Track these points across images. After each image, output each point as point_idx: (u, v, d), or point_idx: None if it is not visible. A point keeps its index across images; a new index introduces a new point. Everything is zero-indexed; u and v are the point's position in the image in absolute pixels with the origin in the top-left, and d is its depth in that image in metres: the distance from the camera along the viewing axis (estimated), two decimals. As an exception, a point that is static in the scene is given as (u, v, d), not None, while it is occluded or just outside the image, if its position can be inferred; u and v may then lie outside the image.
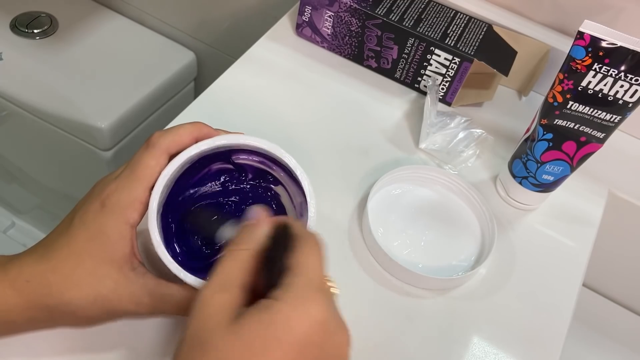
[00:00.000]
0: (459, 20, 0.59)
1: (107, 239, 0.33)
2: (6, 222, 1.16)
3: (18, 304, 0.32)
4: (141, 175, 0.34)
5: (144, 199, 0.34)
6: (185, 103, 0.56)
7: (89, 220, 0.33)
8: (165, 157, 0.35)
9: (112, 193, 0.34)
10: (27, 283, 0.32)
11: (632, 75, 0.41)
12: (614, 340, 0.72)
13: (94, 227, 0.33)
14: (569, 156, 0.48)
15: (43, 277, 0.33)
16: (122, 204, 0.33)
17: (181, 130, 0.35)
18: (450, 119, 0.56)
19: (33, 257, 0.33)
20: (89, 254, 0.33)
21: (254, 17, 0.85)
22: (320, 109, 0.58)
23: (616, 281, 0.72)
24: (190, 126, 0.36)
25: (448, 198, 0.52)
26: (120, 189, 0.34)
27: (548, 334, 0.45)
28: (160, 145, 0.34)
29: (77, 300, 0.33)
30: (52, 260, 0.33)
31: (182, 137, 0.35)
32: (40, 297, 0.33)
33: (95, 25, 0.94)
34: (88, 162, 0.90)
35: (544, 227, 0.52)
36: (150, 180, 0.34)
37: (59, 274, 0.33)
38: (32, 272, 0.33)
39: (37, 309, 0.33)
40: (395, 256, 0.46)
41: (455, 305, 0.45)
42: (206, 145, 0.35)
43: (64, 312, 0.33)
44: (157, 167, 0.34)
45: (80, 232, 0.33)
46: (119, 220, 0.33)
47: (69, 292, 0.33)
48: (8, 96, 0.86)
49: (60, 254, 0.33)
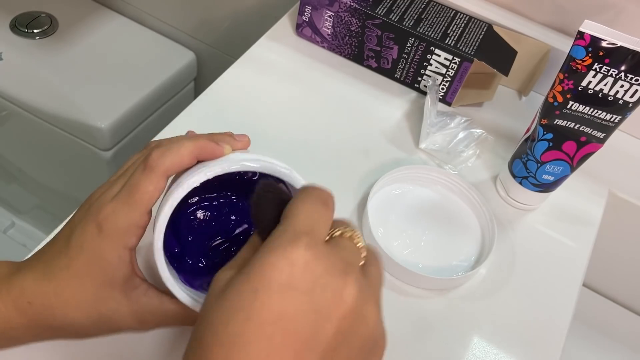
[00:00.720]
0: (459, 20, 0.59)
1: (106, 263, 0.33)
2: (6, 222, 1.16)
3: (21, 323, 0.33)
4: (139, 200, 0.33)
5: (142, 224, 0.33)
6: (185, 103, 0.56)
7: (87, 243, 0.33)
8: (164, 181, 0.34)
9: (109, 216, 0.33)
10: (29, 305, 0.33)
11: (632, 75, 0.41)
12: (614, 340, 0.72)
13: (93, 251, 0.33)
14: (569, 156, 0.48)
15: (45, 299, 0.33)
16: (120, 229, 0.33)
17: (182, 150, 0.33)
18: (450, 119, 0.56)
19: (34, 276, 0.33)
20: (90, 277, 0.33)
21: (254, 17, 0.85)
22: (320, 109, 0.58)
23: (616, 281, 0.72)
24: (192, 145, 0.34)
25: (448, 198, 0.52)
26: (117, 212, 0.33)
27: (548, 334, 0.45)
28: (159, 168, 0.33)
29: (80, 321, 0.33)
30: (53, 282, 0.33)
31: (182, 159, 0.33)
32: (43, 319, 0.33)
33: (95, 25, 0.94)
34: (88, 162, 0.90)
35: (544, 227, 0.52)
36: (148, 205, 0.33)
37: (60, 297, 0.33)
38: (34, 293, 0.33)
39: (41, 328, 0.33)
40: (395, 256, 0.46)
41: (455, 305, 0.45)
42: (211, 174, 0.33)
43: (67, 331, 0.34)
44: (155, 192, 0.33)
45: (79, 256, 0.33)
46: (117, 245, 0.33)
47: (72, 314, 0.33)
48: (8, 96, 0.86)
49: (61, 276, 0.33)
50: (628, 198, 0.57)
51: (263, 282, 0.25)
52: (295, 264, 0.25)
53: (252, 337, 0.24)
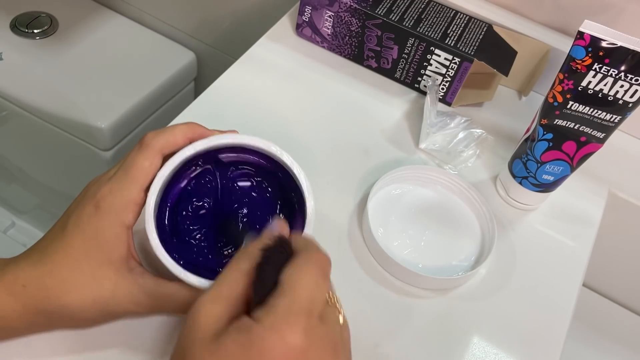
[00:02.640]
0: (459, 20, 0.59)
1: (103, 241, 0.33)
2: (6, 222, 1.16)
3: (15, 309, 0.32)
4: (135, 177, 0.33)
5: (138, 200, 0.34)
6: (185, 103, 0.57)
7: (84, 222, 0.33)
8: (159, 158, 0.34)
9: (106, 195, 0.33)
10: (23, 288, 0.32)
11: (632, 75, 0.41)
12: (614, 340, 0.72)
13: (90, 229, 0.33)
14: (569, 156, 0.48)
15: (40, 281, 0.32)
16: (117, 206, 0.33)
17: (175, 131, 0.35)
18: (450, 119, 0.56)
19: (29, 262, 0.33)
20: (86, 256, 0.33)
21: (254, 17, 0.85)
22: (320, 109, 0.58)
23: (616, 281, 0.72)
24: (185, 127, 0.35)
25: (448, 198, 0.52)
26: (114, 190, 0.33)
27: (548, 334, 0.45)
28: (154, 145, 0.34)
29: (75, 303, 0.33)
30: (48, 264, 0.33)
31: (176, 138, 0.35)
32: (38, 302, 0.32)
33: (95, 25, 0.94)
34: (88, 162, 0.90)
35: (544, 227, 0.52)
36: (145, 182, 0.34)
37: (56, 277, 0.32)
38: (28, 277, 0.32)
39: (35, 313, 0.33)
40: (395, 256, 0.46)
41: (455, 305, 0.45)
42: (202, 145, 0.35)
43: (62, 316, 0.33)
44: (151, 168, 0.34)
45: (76, 235, 0.33)
46: (114, 222, 0.33)
47: (66, 296, 0.32)
48: (8, 96, 0.86)
49: (56, 258, 0.33)
50: (628, 198, 0.57)
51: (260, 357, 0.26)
52: (292, 349, 0.26)
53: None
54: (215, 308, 0.28)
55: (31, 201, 1.13)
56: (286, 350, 0.26)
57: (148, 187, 0.34)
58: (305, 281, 0.28)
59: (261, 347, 0.26)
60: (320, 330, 0.28)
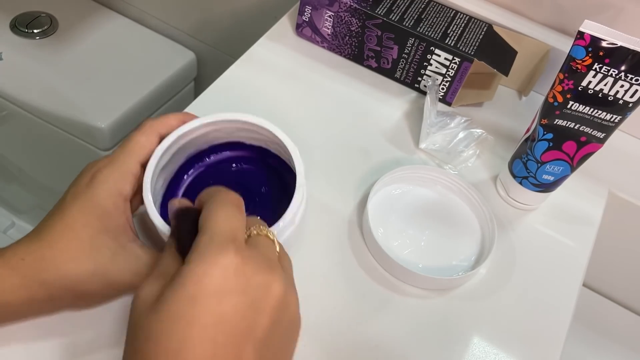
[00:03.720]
0: (459, 20, 0.59)
1: (101, 209, 0.33)
2: (6, 222, 1.16)
3: (14, 283, 0.32)
4: (132, 150, 0.35)
5: (135, 172, 0.35)
6: (185, 103, 0.57)
7: (81, 193, 0.33)
8: (155, 136, 0.37)
9: (103, 167, 0.35)
10: (22, 261, 0.32)
11: (632, 75, 0.41)
12: (614, 340, 0.72)
13: (87, 199, 0.33)
14: (569, 156, 0.48)
15: (38, 253, 0.32)
16: (115, 175, 0.34)
17: (170, 116, 0.38)
18: (450, 119, 0.56)
19: (27, 238, 0.33)
20: (84, 225, 0.33)
21: (254, 17, 0.85)
22: (320, 109, 0.58)
23: (616, 281, 0.73)
24: (179, 114, 0.38)
25: (448, 198, 0.52)
26: (111, 162, 0.35)
27: (548, 334, 0.45)
28: (150, 125, 0.37)
29: (75, 272, 0.32)
30: (47, 236, 0.33)
31: (170, 120, 0.38)
32: (37, 273, 0.32)
33: (95, 25, 0.94)
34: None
35: (544, 227, 0.52)
36: (141, 155, 0.36)
37: (55, 248, 0.32)
38: (26, 250, 0.32)
39: (35, 286, 0.32)
40: (395, 256, 0.46)
41: (455, 305, 0.45)
42: (196, 123, 0.37)
43: (62, 288, 0.33)
44: (147, 143, 0.36)
45: (73, 205, 0.33)
46: (111, 191, 0.34)
47: (66, 265, 0.32)
48: (8, 96, 0.86)
49: (54, 229, 0.33)
50: (628, 198, 0.57)
51: (200, 289, 0.26)
52: (227, 269, 0.27)
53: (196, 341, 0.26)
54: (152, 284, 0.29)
55: (31, 201, 1.13)
56: (220, 271, 0.27)
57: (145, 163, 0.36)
58: (218, 215, 0.29)
59: (195, 280, 0.26)
60: (251, 252, 0.29)
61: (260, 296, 0.28)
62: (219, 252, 0.27)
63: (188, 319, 0.26)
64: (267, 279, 0.28)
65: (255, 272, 0.28)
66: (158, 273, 0.29)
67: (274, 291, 0.28)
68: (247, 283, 0.27)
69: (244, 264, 0.28)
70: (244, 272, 0.27)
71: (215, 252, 0.27)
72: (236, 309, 0.27)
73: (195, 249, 0.28)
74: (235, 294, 0.27)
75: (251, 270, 0.28)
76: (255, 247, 0.30)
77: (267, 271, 0.28)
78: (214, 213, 0.30)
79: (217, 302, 0.26)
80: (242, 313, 0.27)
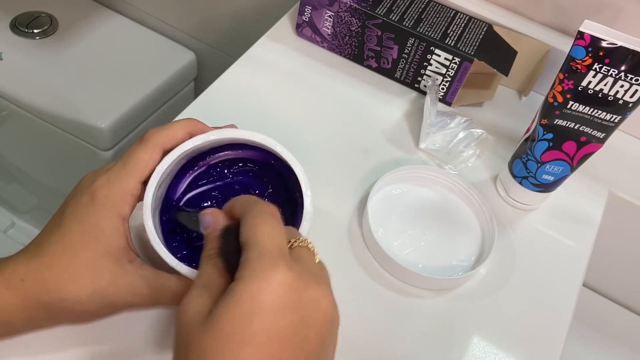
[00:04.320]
0: (459, 20, 0.59)
1: (101, 232, 0.33)
2: (6, 222, 1.16)
3: (15, 303, 0.32)
4: (133, 169, 0.34)
5: (135, 192, 0.34)
6: (185, 103, 0.56)
7: (80, 213, 0.33)
8: (159, 152, 0.35)
9: (102, 185, 0.33)
10: (22, 282, 0.32)
11: (632, 75, 0.41)
12: (614, 340, 0.72)
13: (87, 220, 0.33)
14: (569, 156, 0.48)
15: (38, 274, 0.32)
16: (114, 197, 0.33)
17: (175, 126, 0.35)
18: (450, 119, 0.56)
19: (26, 256, 0.33)
20: (84, 247, 0.33)
21: (254, 17, 0.85)
22: (320, 109, 0.58)
23: (616, 281, 0.72)
24: (184, 122, 0.36)
25: (448, 198, 0.52)
26: (111, 181, 0.34)
27: (548, 334, 0.45)
28: (154, 140, 0.35)
29: (75, 294, 0.32)
30: (46, 257, 0.32)
31: (176, 133, 0.35)
32: (37, 295, 0.32)
33: (95, 25, 0.94)
34: (88, 162, 0.90)
35: (544, 227, 0.52)
36: (143, 174, 0.34)
37: (54, 269, 0.32)
38: (26, 270, 0.32)
39: (35, 307, 0.32)
40: (395, 256, 0.46)
41: (455, 305, 0.45)
42: (201, 140, 0.36)
43: (62, 309, 0.33)
44: (150, 161, 0.34)
45: (73, 226, 0.33)
46: (111, 213, 0.33)
47: (66, 287, 0.32)
48: (8, 96, 0.86)
49: (54, 250, 0.33)
50: (628, 198, 0.57)
51: (255, 306, 0.26)
52: (281, 285, 0.27)
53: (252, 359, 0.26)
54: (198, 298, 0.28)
55: (31, 201, 1.13)
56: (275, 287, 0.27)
57: (146, 181, 0.34)
58: (263, 229, 0.29)
59: (250, 297, 0.27)
60: (301, 267, 0.29)
61: (311, 312, 0.28)
62: (271, 269, 0.27)
63: (244, 337, 0.26)
64: (316, 294, 0.28)
65: (306, 288, 0.28)
66: (202, 287, 0.29)
67: (323, 306, 0.28)
68: (299, 299, 0.27)
69: (295, 280, 0.28)
70: (297, 288, 0.27)
71: (268, 268, 0.27)
72: (290, 325, 0.27)
73: (247, 265, 0.28)
74: (289, 310, 0.27)
75: (302, 285, 0.28)
76: (300, 260, 0.30)
77: (316, 286, 0.28)
78: (258, 227, 0.29)
79: (273, 319, 0.26)
80: (295, 329, 0.27)
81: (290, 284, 0.27)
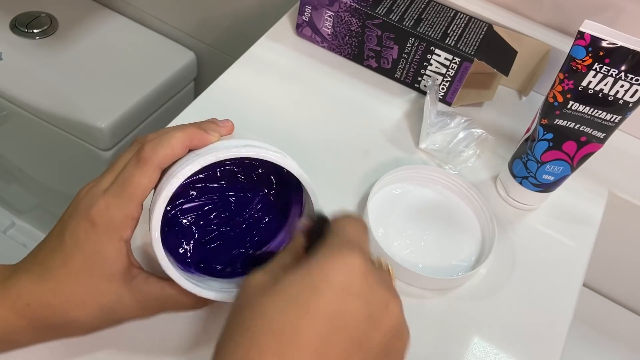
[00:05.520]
0: (459, 20, 0.59)
1: (104, 258, 0.32)
2: (6, 222, 1.16)
3: (21, 326, 0.32)
4: (133, 193, 0.33)
5: (136, 215, 0.33)
6: (185, 103, 0.56)
7: (82, 240, 0.32)
8: (157, 173, 0.33)
9: (102, 210, 0.32)
10: (28, 307, 0.32)
11: (632, 75, 0.41)
12: (614, 340, 0.72)
13: (89, 247, 0.32)
14: (570, 156, 0.48)
15: (44, 299, 0.32)
16: (115, 222, 0.32)
17: (173, 141, 0.33)
18: (450, 118, 0.56)
19: (30, 278, 0.33)
20: (88, 273, 0.32)
21: (254, 17, 0.85)
22: (320, 109, 0.58)
23: (616, 281, 0.72)
24: (182, 134, 0.34)
25: (448, 198, 0.52)
26: (111, 206, 0.32)
27: (548, 334, 0.45)
28: (152, 161, 0.33)
29: (82, 317, 0.33)
30: (51, 282, 0.32)
31: (174, 150, 0.33)
32: (44, 319, 0.32)
33: (95, 25, 0.94)
34: (88, 162, 0.90)
35: (544, 227, 0.52)
36: (142, 198, 0.33)
37: (60, 296, 0.32)
38: (31, 295, 0.32)
39: (42, 328, 0.33)
40: (395, 256, 0.46)
41: (455, 305, 0.45)
42: (204, 162, 0.33)
43: (70, 329, 0.33)
44: (149, 185, 0.33)
45: (75, 252, 0.32)
46: (113, 239, 0.32)
47: (73, 312, 0.32)
48: (8, 96, 0.86)
49: (58, 275, 0.32)
50: (628, 198, 0.57)
51: (324, 280, 0.26)
52: (355, 271, 0.27)
53: (306, 330, 0.25)
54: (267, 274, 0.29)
55: (31, 201, 1.13)
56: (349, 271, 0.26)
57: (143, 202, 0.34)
58: (350, 226, 0.30)
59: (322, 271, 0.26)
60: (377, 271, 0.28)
61: (379, 311, 0.27)
62: (348, 253, 0.27)
63: (304, 306, 0.25)
64: (387, 296, 0.28)
65: (378, 285, 0.27)
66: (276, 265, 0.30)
67: (391, 310, 0.28)
68: (370, 292, 0.27)
69: (370, 272, 0.27)
70: (369, 281, 0.27)
71: (346, 252, 0.27)
72: (355, 313, 0.26)
73: (325, 245, 0.28)
74: (358, 297, 0.26)
75: (375, 281, 0.27)
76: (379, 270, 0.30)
77: (388, 289, 0.28)
78: (347, 223, 0.30)
79: (338, 298, 0.26)
80: (359, 320, 0.26)
81: (364, 273, 0.27)
